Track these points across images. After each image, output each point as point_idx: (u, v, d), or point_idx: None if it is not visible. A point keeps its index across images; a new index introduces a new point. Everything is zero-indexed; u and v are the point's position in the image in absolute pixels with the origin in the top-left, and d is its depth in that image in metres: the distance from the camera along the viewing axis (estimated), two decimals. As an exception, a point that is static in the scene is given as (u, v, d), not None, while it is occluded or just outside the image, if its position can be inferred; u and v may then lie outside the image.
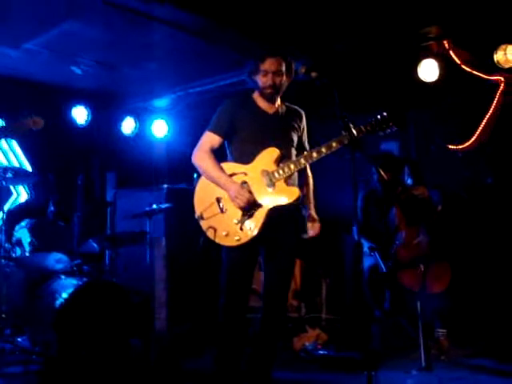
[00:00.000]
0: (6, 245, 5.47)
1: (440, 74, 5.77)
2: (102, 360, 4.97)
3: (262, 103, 3.95)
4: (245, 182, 3.75)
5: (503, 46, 5.52)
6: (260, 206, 3.69)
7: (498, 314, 5.80)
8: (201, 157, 3.87)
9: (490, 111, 6.00)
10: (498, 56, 5.56)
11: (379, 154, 5.92)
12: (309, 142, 4.14)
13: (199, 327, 5.97)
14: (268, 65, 3.83)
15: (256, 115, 3.92)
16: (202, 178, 3.89)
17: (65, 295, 5.03)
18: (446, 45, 5.74)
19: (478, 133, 6.12)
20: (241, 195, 3.65)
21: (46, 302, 5.17)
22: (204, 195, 3.82)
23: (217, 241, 3.71)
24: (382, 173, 4.38)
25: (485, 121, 6.05)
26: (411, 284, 5.13)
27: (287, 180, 3.77)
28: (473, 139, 6.15)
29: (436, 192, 5.53)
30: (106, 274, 5.84)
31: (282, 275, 3.92)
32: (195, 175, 5.14)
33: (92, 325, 5.04)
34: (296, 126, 4.02)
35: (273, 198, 3.71)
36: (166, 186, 6.81)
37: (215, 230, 3.69)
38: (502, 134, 6.12)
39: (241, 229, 3.67)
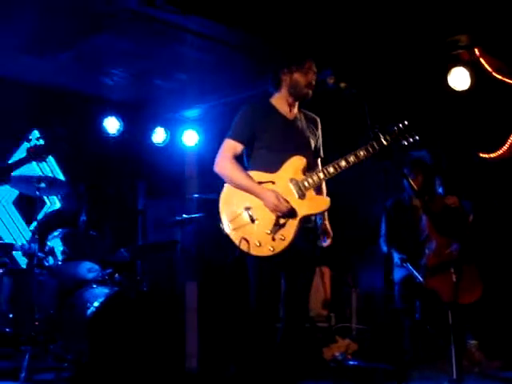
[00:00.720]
0: (39, 254, 5.56)
1: (471, 82, 5.72)
2: (133, 368, 5.01)
3: (282, 108, 3.88)
4: (273, 192, 3.64)
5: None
6: (293, 215, 3.62)
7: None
8: (225, 165, 3.76)
9: (523, 120, 5.94)
10: (530, 64, 5.51)
11: (410, 160, 5.86)
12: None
13: (228, 337, 5.99)
14: (311, 63, 3.84)
15: (277, 121, 3.83)
16: (227, 187, 3.77)
17: (96, 304, 5.09)
18: (477, 52, 5.70)
19: (510, 141, 6.05)
20: (281, 203, 3.58)
21: (77, 311, 5.23)
22: (230, 204, 3.72)
23: (252, 252, 3.60)
24: (411, 182, 4.34)
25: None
26: (441, 291, 5.06)
27: (315, 189, 3.74)
28: (505, 147, 6.08)
29: (467, 202, 5.48)
30: (136, 283, 5.89)
31: (304, 283, 3.85)
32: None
33: (123, 333, 5.09)
34: (314, 132, 3.97)
35: (304, 207, 3.65)
36: (196, 195, 6.84)
37: (248, 242, 3.59)
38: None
39: (273, 239, 3.59)
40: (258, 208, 3.65)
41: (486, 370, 5.14)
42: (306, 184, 3.68)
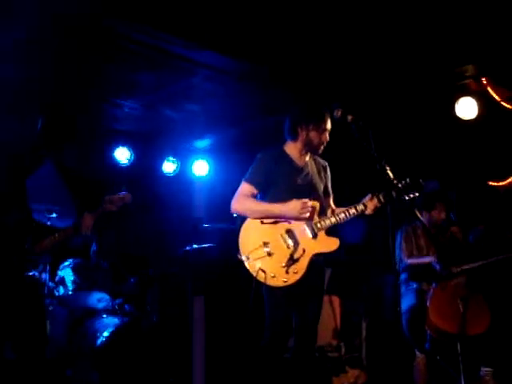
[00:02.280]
0: (50, 283, 5.59)
1: (478, 112, 5.74)
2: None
3: (294, 155, 4.19)
4: (289, 230, 3.99)
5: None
6: (304, 252, 3.94)
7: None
8: (242, 203, 4.07)
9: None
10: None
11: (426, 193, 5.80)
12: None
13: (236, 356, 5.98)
14: (327, 123, 4.11)
15: (289, 168, 4.15)
16: (247, 222, 4.05)
17: (106, 334, 5.11)
18: (484, 82, 5.73)
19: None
20: (306, 204, 3.90)
21: (87, 341, 5.24)
22: (249, 238, 4.01)
23: (267, 282, 3.89)
24: (419, 214, 4.38)
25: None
26: (449, 328, 5.01)
27: (327, 230, 4.06)
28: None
29: (476, 231, 5.46)
30: (146, 314, 5.89)
31: (313, 315, 4.14)
32: (235, 214, 5.21)
33: (132, 363, 5.09)
34: (323, 176, 4.30)
35: (316, 246, 4.00)
36: (206, 225, 6.87)
37: (264, 273, 3.88)
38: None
39: (287, 272, 3.90)
40: (275, 244, 3.97)
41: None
42: (318, 226, 4.02)
